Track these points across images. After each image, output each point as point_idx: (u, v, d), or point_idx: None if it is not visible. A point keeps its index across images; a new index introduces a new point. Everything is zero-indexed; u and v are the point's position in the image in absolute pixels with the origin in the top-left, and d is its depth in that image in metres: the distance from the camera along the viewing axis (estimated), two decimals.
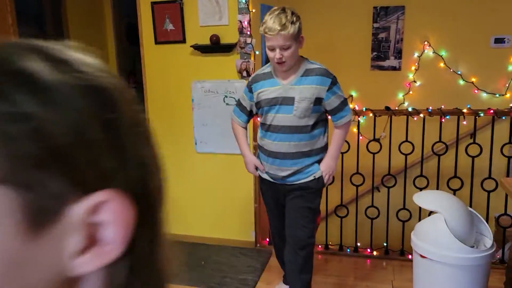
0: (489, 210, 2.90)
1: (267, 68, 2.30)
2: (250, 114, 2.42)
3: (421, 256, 2.08)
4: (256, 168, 2.41)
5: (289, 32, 2.04)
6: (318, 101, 2.15)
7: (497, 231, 3.05)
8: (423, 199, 2.19)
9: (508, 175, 3.04)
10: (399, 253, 3.14)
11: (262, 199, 2.55)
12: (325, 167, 2.22)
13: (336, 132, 2.29)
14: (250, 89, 2.33)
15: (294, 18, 2.07)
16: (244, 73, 3.10)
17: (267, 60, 3.49)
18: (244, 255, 3.21)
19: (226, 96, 3.19)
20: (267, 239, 3.39)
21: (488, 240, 2.11)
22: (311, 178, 2.24)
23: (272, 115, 2.22)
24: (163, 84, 3.31)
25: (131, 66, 4.59)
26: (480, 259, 1.98)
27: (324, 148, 2.28)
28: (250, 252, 3.24)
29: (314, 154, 2.23)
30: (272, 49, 2.10)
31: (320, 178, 2.25)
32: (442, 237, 2.01)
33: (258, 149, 2.40)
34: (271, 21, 2.04)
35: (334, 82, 2.19)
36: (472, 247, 2.02)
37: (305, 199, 2.26)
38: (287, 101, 2.17)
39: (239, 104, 2.45)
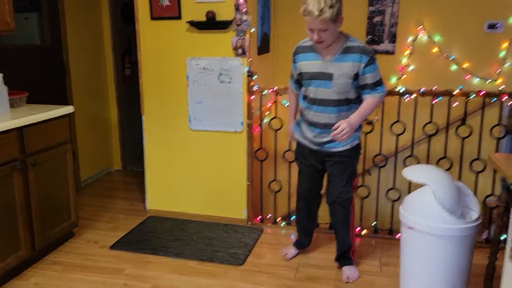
0: (477, 192, 2.95)
1: (309, 42, 2.37)
2: (298, 82, 2.55)
3: (409, 227, 2.12)
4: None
5: (327, 17, 2.12)
6: (356, 76, 2.29)
7: (484, 213, 3.10)
8: (412, 172, 2.23)
9: None
10: (388, 232, 3.19)
11: (297, 163, 2.72)
12: (345, 122, 2.28)
13: (367, 99, 2.37)
14: (294, 60, 2.48)
15: (334, 1, 2.13)
16: (240, 51, 3.12)
17: (263, 37, 3.52)
18: (235, 231, 3.24)
19: (221, 74, 3.21)
20: (259, 217, 3.42)
21: (474, 213, 2.15)
22: (348, 146, 2.45)
23: (313, 89, 2.38)
24: (158, 61, 3.31)
25: (127, 45, 4.58)
26: (466, 230, 2.03)
27: None
28: (242, 229, 3.28)
29: None
30: (311, 30, 2.20)
31: (356, 146, 2.49)
32: (429, 208, 2.06)
33: (300, 116, 2.57)
34: (311, 5, 2.13)
35: (372, 60, 2.29)
36: (459, 219, 2.06)
37: (344, 164, 2.49)
38: (326, 77, 2.32)
39: (291, 71, 2.59)
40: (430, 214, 2.05)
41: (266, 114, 3.39)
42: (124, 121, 4.60)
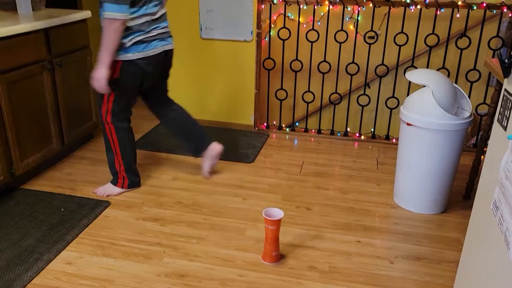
0: (471, 100, 3.18)
1: None
2: None
3: (408, 124, 2.37)
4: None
5: None
6: None
7: (475, 120, 3.37)
8: (414, 75, 2.43)
9: None
10: (385, 137, 3.47)
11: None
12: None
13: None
14: None
15: None
16: None
17: None
18: (244, 135, 3.50)
19: None
20: (265, 124, 3.67)
21: (466, 113, 2.40)
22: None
23: None
24: None
25: None
26: (459, 126, 2.28)
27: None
28: (249, 134, 3.53)
29: None
30: None
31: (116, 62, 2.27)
32: (428, 106, 2.29)
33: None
34: None
35: None
36: (454, 116, 2.30)
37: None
38: None
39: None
40: (428, 112, 2.29)
41: (273, 26, 3.50)
42: None
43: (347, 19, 3.42)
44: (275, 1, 3.29)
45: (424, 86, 2.37)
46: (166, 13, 2.48)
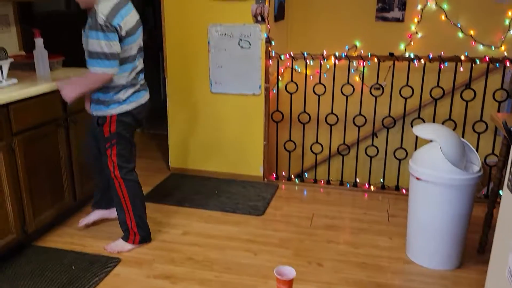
0: (479, 151, 3.19)
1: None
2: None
3: (417, 178, 2.38)
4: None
5: None
6: None
7: (484, 171, 3.36)
8: (422, 129, 2.46)
9: None
10: (395, 188, 3.47)
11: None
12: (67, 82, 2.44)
13: None
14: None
15: None
16: (259, 18, 3.30)
17: (279, 5, 3.68)
18: (253, 187, 3.52)
19: (241, 40, 3.40)
20: (274, 174, 3.69)
21: (476, 167, 2.41)
22: (99, 113, 2.46)
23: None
24: (181, 27, 3.49)
25: (141, 13, 4.71)
26: (469, 180, 2.29)
27: None
28: (259, 185, 3.55)
29: None
30: None
31: (103, 118, 2.42)
32: (437, 161, 2.30)
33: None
34: None
35: (96, 25, 2.20)
36: (463, 171, 2.32)
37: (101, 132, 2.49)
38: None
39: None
40: (437, 167, 2.30)
41: (281, 79, 3.60)
42: None
43: (352, 71, 3.51)
44: (282, 57, 3.39)
45: (432, 141, 2.40)
46: None
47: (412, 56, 3.24)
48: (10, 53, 2.80)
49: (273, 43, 3.38)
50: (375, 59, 3.27)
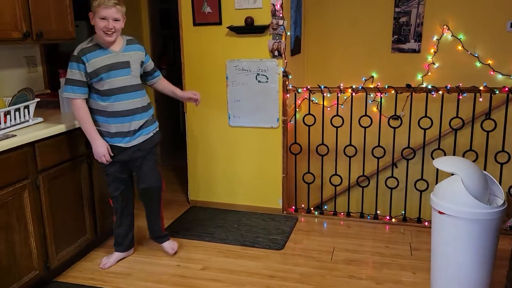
0: (502, 182, 3.14)
1: (89, 43, 2.57)
2: (87, 85, 2.58)
3: (439, 212, 2.34)
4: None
5: (122, 7, 2.57)
6: (142, 63, 2.71)
7: (508, 202, 3.29)
8: (442, 163, 2.44)
9: None
10: (416, 220, 3.41)
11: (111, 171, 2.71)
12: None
13: (163, 79, 3.01)
14: (82, 61, 2.50)
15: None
16: (276, 53, 3.36)
17: (295, 40, 3.75)
18: (272, 220, 3.50)
19: (258, 74, 3.46)
20: (293, 207, 3.67)
21: (500, 200, 2.36)
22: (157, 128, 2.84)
23: (112, 80, 2.54)
24: (200, 63, 3.58)
25: (163, 48, 4.86)
26: (493, 214, 2.24)
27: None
28: (278, 218, 3.53)
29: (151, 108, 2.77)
30: (104, 19, 2.50)
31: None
32: (459, 195, 2.27)
33: (100, 123, 2.61)
34: None
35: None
36: (486, 205, 2.27)
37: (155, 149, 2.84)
38: (124, 65, 2.58)
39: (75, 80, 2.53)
40: (459, 200, 2.26)
41: (298, 110, 3.63)
42: (161, 118, 4.90)
43: (370, 102, 3.52)
44: (299, 90, 3.44)
45: (453, 174, 2.37)
46: None
47: (430, 87, 3.24)
48: (36, 91, 2.91)
49: (290, 76, 3.43)
50: (392, 91, 3.28)
